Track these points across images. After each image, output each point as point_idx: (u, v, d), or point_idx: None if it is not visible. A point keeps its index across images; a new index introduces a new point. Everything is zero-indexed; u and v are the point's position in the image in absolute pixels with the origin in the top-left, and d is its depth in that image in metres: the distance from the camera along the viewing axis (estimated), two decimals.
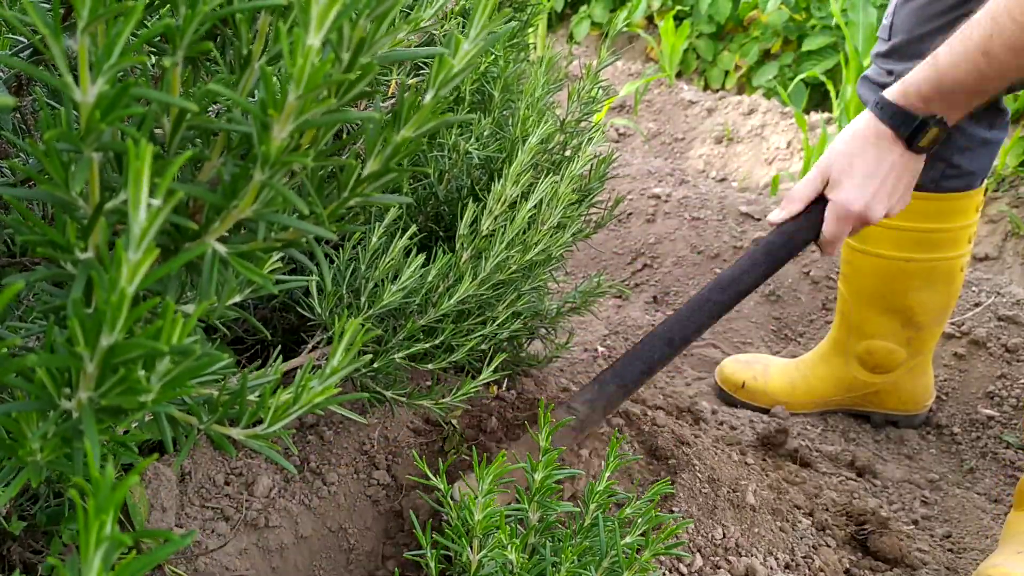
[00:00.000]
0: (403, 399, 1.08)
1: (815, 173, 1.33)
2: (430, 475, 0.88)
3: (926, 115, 1.24)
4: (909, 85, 1.25)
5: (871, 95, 1.58)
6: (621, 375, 1.24)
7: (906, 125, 1.26)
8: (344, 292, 1.04)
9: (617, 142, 3.89)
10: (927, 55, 1.21)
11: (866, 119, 1.30)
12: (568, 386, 1.52)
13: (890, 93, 1.28)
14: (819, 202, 1.32)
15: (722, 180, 3.51)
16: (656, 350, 1.25)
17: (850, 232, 1.31)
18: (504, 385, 1.40)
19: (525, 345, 1.46)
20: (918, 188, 1.55)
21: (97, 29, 0.40)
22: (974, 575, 1.24)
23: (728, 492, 1.23)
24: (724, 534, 1.15)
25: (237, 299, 0.59)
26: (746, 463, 1.38)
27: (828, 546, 1.27)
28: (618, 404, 1.26)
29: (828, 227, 1.30)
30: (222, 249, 0.44)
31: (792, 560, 1.18)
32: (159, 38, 0.47)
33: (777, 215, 1.34)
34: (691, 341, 1.28)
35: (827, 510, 1.38)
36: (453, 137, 1.17)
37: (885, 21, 1.54)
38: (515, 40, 1.28)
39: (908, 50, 1.47)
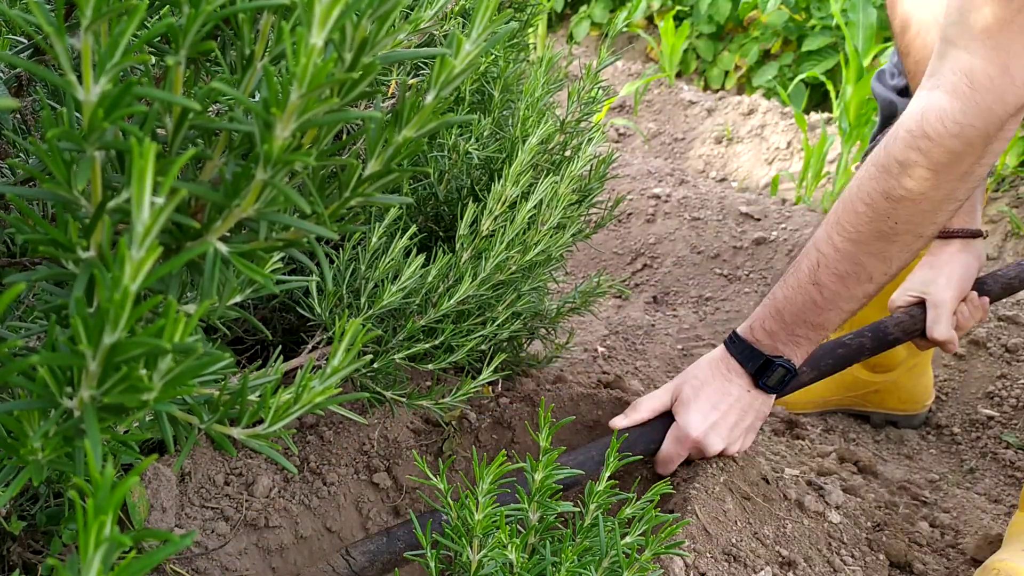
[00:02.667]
0: (403, 399, 1.08)
1: (667, 388, 1.29)
2: (430, 475, 0.88)
3: (772, 354, 1.21)
4: (755, 320, 1.23)
5: (883, 91, 1.58)
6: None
7: (752, 361, 1.22)
8: (344, 292, 1.04)
9: (617, 142, 3.89)
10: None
11: (720, 349, 1.27)
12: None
13: (741, 328, 1.26)
14: (663, 417, 1.27)
15: (722, 180, 3.51)
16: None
17: (687, 457, 1.26)
18: (502, 385, 1.40)
19: (525, 345, 1.46)
20: None
21: (100, 28, 0.40)
22: (979, 571, 1.24)
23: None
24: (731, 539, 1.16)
25: (238, 299, 0.59)
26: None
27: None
28: None
29: (666, 445, 1.25)
30: (224, 248, 0.44)
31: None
32: (159, 38, 0.47)
33: (620, 420, 1.29)
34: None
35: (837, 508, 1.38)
36: (453, 137, 1.17)
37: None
38: (515, 40, 1.28)
39: None
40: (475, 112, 1.23)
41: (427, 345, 1.08)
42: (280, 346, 0.90)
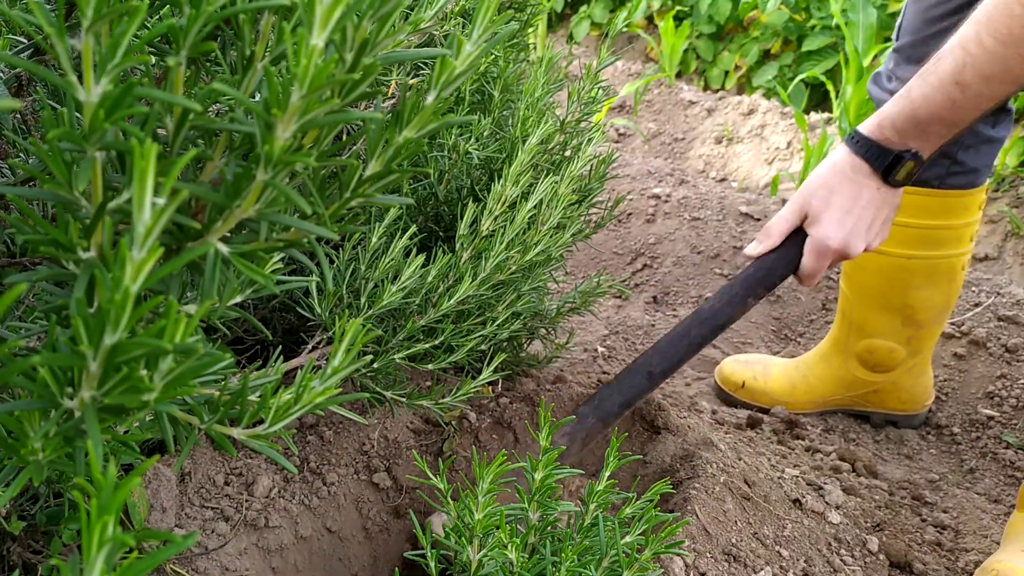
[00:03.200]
0: (403, 399, 1.08)
1: (793, 207, 1.32)
2: (430, 475, 0.88)
3: (901, 149, 1.23)
4: (884, 119, 1.24)
5: (879, 94, 1.58)
6: (599, 408, 1.24)
7: (881, 159, 1.25)
8: (344, 292, 1.04)
9: (617, 142, 3.89)
10: (930, 58, 1.21)
11: (843, 153, 1.29)
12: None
13: (865, 127, 1.27)
14: (796, 235, 1.31)
15: (722, 180, 3.51)
16: (635, 383, 1.26)
17: (829, 266, 1.31)
18: (502, 385, 1.40)
19: (525, 345, 1.46)
20: (923, 184, 1.55)
21: (101, 28, 0.40)
22: (978, 571, 1.25)
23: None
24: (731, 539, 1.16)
25: (238, 299, 0.59)
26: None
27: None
28: (596, 437, 1.26)
29: (807, 262, 1.29)
30: (224, 249, 0.44)
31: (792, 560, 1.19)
32: (160, 39, 0.47)
33: (754, 248, 1.33)
34: (670, 374, 1.28)
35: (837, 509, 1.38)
36: (453, 137, 1.17)
37: (899, 20, 1.55)
38: (515, 40, 1.28)
39: (912, 53, 1.48)
40: (475, 112, 1.23)
41: (427, 345, 1.08)
42: (280, 346, 0.90)
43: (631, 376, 1.26)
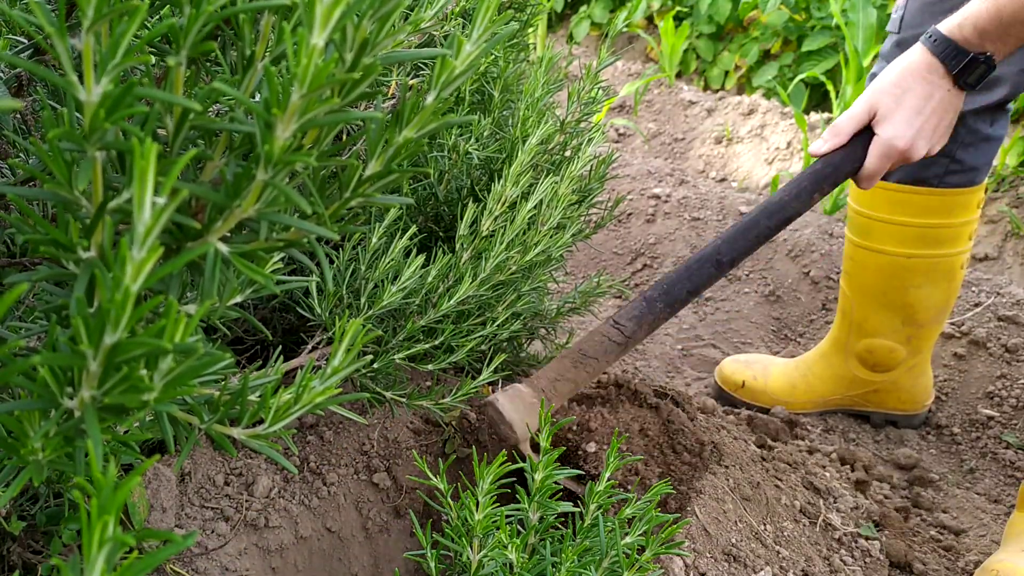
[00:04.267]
0: (403, 400, 1.08)
1: (862, 106, 1.31)
2: (430, 475, 0.88)
3: (977, 51, 1.23)
4: (966, 19, 1.24)
5: None
6: (668, 294, 1.24)
7: (958, 60, 1.24)
8: (344, 292, 1.04)
9: (617, 142, 3.89)
10: None
11: (919, 52, 1.28)
12: None
13: (944, 27, 1.26)
14: (862, 134, 1.31)
15: (722, 180, 3.51)
16: (703, 271, 1.26)
17: (890, 167, 1.30)
18: (502, 385, 1.40)
19: (525, 345, 1.46)
20: (922, 183, 1.56)
21: (101, 28, 0.40)
22: (978, 571, 1.25)
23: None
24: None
25: (238, 299, 0.59)
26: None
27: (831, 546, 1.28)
28: (664, 322, 1.26)
29: (871, 162, 1.29)
30: (224, 249, 0.44)
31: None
32: (160, 38, 0.47)
33: (820, 146, 1.33)
34: (736, 263, 1.28)
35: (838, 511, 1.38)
36: (453, 138, 1.17)
37: (895, 15, 1.54)
38: (515, 40, 1.28)
39: None
40: (475, 112, 1.23)
41: (427, 345, 1.08)
42: (280, 346, 0.90)
43: (700, 264, 1.26)
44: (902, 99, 1.27)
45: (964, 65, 1.24)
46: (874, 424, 1.85)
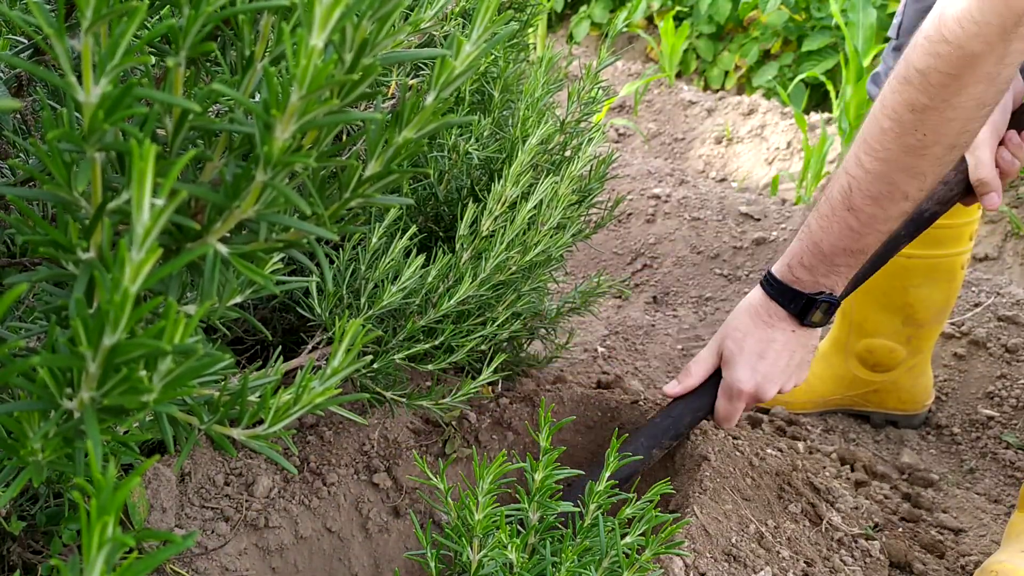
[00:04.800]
0: (403, 400, 1.08)
1: (711, 348, 1.27)
2: (430, 475, 0.88)
3: (813, 292, 1.19)
4: (792, 258, 1.20)
5: (877, 93, 1.58)
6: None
7: (795, 303, 1.20)
8: (344, 292, 1.04)
9: (617, 142, 3.89)
10: None
11: (758, 295, 1.24)
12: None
13: (777, 268, 1.22)
14: (715, 375, 1.27)
15: (722, 180, 3.51)
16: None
17: (745, 408, 1.26)
18: (502, 385, 1.40)
19: (525, 345, 1.46)
20: None
21: (101, 29, 0.40)
22: (978, 571, 1.24)
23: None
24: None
25: (238, 299, 0.59)
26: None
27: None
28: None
29: (720, 404, 1.25)
30: (224, 249, 0.44)
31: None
32: (159, 39, 0.47)
33: (673, 387, 1.29)
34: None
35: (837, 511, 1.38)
36: (453, 138, 1.17)
37: (896, 19, 1.53)
38: (515, 40, 1.28)
39: None
40: (475, 112, 1.23)
41: (427, 345, 1.08)
42: (280, 346, 0.90)
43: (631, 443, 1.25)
44: (743, 343, 1.23)
45: (803, 307, 1.19)
46: (874, 424, 1.85)
